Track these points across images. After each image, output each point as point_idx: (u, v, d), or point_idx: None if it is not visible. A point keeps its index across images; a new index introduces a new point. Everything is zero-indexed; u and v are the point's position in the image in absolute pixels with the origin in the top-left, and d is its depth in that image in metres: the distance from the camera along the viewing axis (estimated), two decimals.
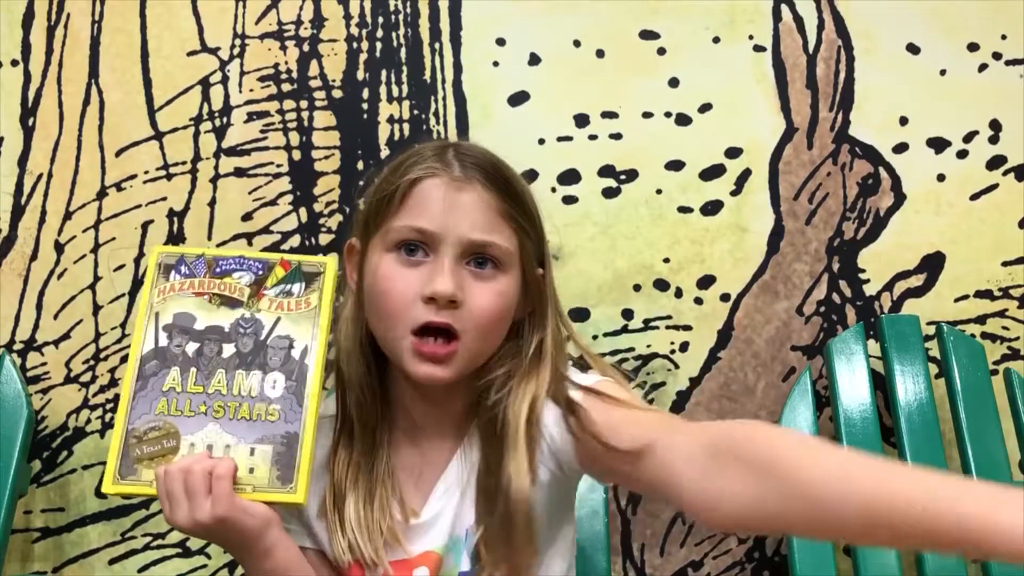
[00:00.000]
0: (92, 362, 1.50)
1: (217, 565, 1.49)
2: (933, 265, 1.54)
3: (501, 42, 1.54)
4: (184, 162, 1.51)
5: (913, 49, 1.56)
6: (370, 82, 1.53)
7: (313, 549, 1.02)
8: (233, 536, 0.89)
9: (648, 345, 1.53)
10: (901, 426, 1.43)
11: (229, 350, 0.92)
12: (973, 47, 1.56)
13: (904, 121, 1.55)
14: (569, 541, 1.05)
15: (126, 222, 1.51)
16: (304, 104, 1.52)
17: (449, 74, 1.53)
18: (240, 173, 1.52)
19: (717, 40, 1.55)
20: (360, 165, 1.52)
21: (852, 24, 1.55)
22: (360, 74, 1.53)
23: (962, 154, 1.55)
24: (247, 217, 1.51)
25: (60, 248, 1.50)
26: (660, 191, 1.53)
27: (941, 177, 1.55)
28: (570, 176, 1.53)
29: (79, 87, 1.52)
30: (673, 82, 1.54)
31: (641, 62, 1.54)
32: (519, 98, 1.53)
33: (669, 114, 1.54)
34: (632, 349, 1.52)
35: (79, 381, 1.50)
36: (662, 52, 1.55)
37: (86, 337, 1.50)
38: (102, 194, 1.51)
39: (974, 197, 1.55)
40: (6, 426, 1.39)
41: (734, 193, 1.54)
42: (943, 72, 1.56)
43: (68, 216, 1.51)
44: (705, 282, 1.53)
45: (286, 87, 1.52)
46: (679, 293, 1.53)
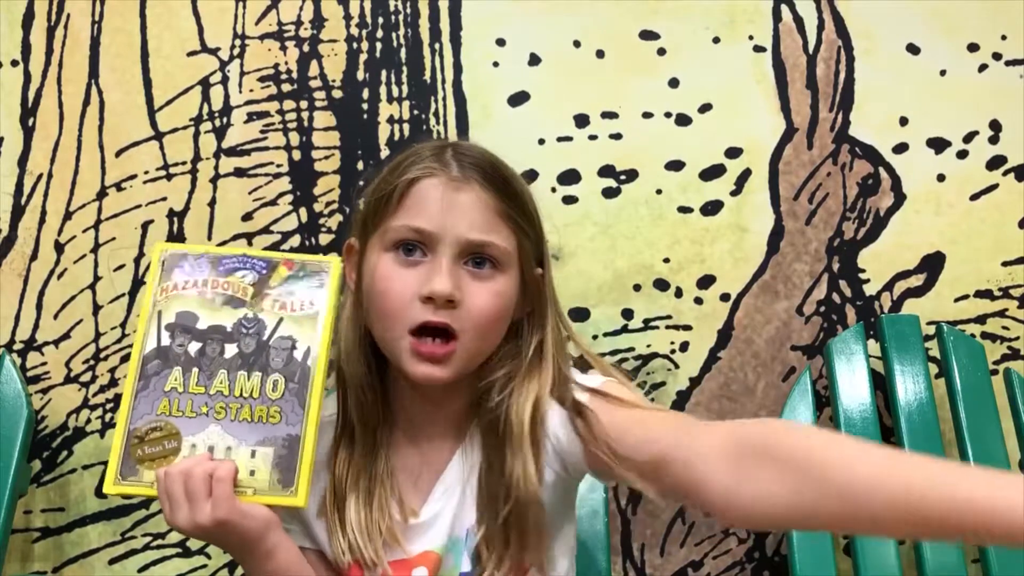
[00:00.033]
0: (92, 362, 1.50)
1: (217, 565, 1.49)
2: (933, 265, 1.54)
3: (501, 42, 1.54)
4: (184, 162, 1.51)
5: (913, 49, 1.56)
6: (370, 82, 1.53)
7: (313, 549, 1.02)
8: (233, 539, 0.89)
9: (648, 345, 1.53)
10: (901, 426, 1.43)
11: (231, 350, 0.91)
12: (973, 47, 1.56)
13: (904, 121, 1.55)
14: (571, 541, 1.05)
15: (126, 222, 1.51)
16: (304, 104, 1.52)
17: (449, 74, 1.53)
18: (240, 173, 1.52)
19: (717, 40, 1.55)
20: (360, 165, 1.52)
21: (852, 24, 1.55)
22: (360, 74, 1.53)
23: (962, 154, 1.55)
24: (247, 217, 1.51)
25: (60, 248, 1.50)
26: (660, 191, 1.53)
27: (941, 177, 1.55)
28: (570, 176, 1.53)
29: (79, 87, 1.52)
30: (673, 82, 1.54)
31: (641, 62, 1.54)
32: (519, 98, 1.53)
33: (669, 114, 1.54)
34: (632, 349, 1.52)
35: (79, 381, 1.50)
36: (662, 52, 1.55)
37: (86, 337, 1.50)
38: (102, 194, 1.51)
39: (974, 197, 1.55)
40: (6, 426, 1.39)
41: (734, 193, 1.54)
42: (943, 72, 1.56)
43: (68, 216, 1.51)
44: (705, 282, 1.53)
45: (286, 87, 1.52)
46: (679, 293, 1.53)
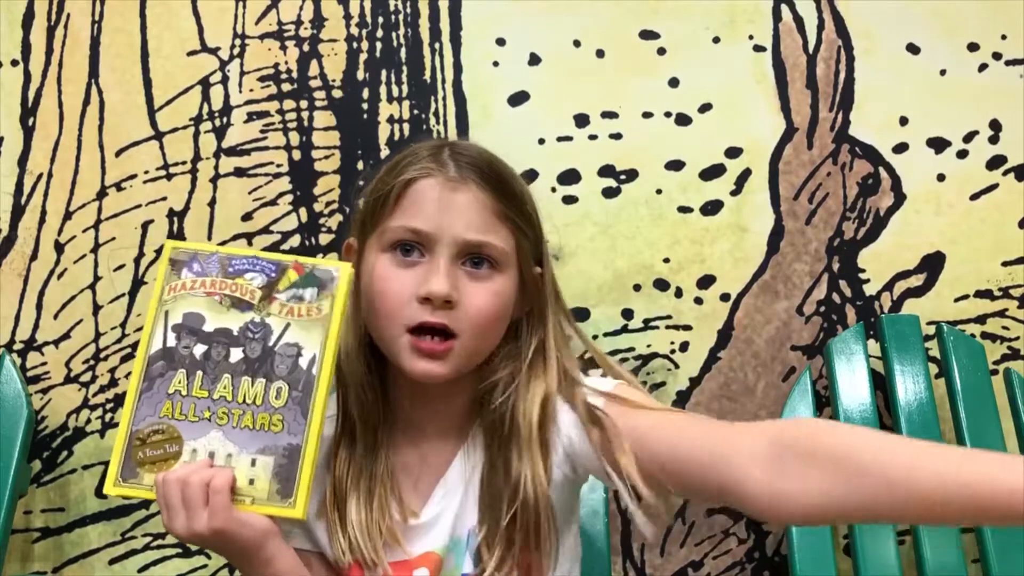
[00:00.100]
0: (92, 362, 1.50)
1: (217, 565, 1.49)
2: (933, 265, 1.54)
3: (501, 42, 1.54)
4: (184, 162, 1.51)
5: (913, 49, 1.56)
6: (370, 82, 1.53)
7: (313, 552, 1.01)
8: (231, 547, 0.88)
9: (648, 345, 1.52)
10: (901, 426, 1.43)
11: (236, 355, 0.90)
12: (973, 47, 1.56)
13: (904, 121, 1.55)
14: (575, 540, 1.05)
15: (126, 222, 1.51)
16: (304, 104, 1.52)
17: (449, 74, 1.53)
18: (240, 173, 1.52)
19: (717, 40, 1.55)
20: (360, 165, 1.52)
21: (852, 24, 1.55)
22: (360, 74, 1.53)
23: (962, 154, 1.55)
24: (247, 217, 1.51)
25: (60, 248, 1.50)
26: (660, 191, 1.53)
27: (941, 177, 1.55)
28: (570, 176, 1.53)
29: (79, 87, 1.52)
30: (673, 82, 1.54)
31: (641, 62, 1.54)
32: (519, 98, 1.53)
33: (669, 114, 1.54)
34: (632, 349, 1.52)
35: (79, 381, 1.50)
36: (662, 52, 1.54)
37: (86, 337, 1.50)
38: (102, 194, 1.51)
39: (974, 197, 1.55)
40: (6, 426, 1.39)
41: (734, 193, 1.54)
42: (943, 72, 1.56)
43: (68, 216, 1.51)
44: (705, 282, 1.53)
45: (286, 87, 1.52)
46: (679, 293, 1.53)
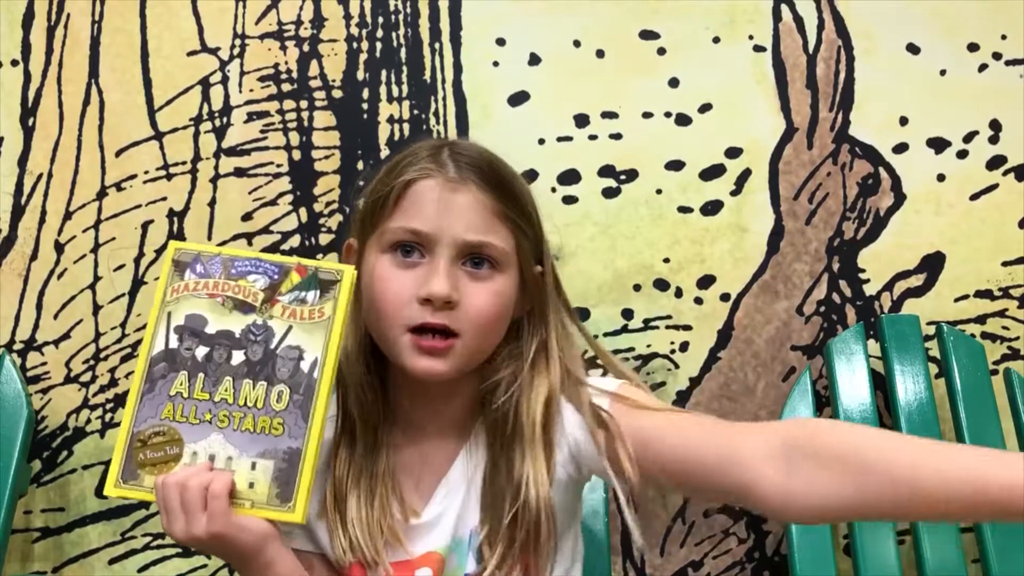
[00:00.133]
0: (92, 362, 1.50)
1: (217, 565, 1.49)
2: (933, 265, 1.54)
3: (501, 42, 1.54)
4: (184, 162, 1.51)
5: (913, 49, 1.56)
6: (370, 82, 1.53)
7: (314, 553, 1.01)
8: (230, 551, 0.88)
9: (648, 345, 1.52)
10: (901, 426, 1.43)
11: (238, 357, 0.89)
12: (973, 47, 1.56)
13: (904, 121, 1.55)
14: (575, 539, 1.05)
15: (126, 222, 1.51)
16: (304, 104, 1.52)
17: (449, 74, 1.53)
18: (240, 173, 1.52)
19: (717, 40, 1.55)
20: (360, 165, 1.52)
21: (852, 24, 1.55)
22: (360, 74, 1.53)
23: (962, 154, 1.55)
24: (247, 217, 1.51)
25: (60, 248, 1.50)
26: (660, 191, 1.53)
27: (941, 177, 1.55)
28: (570, 176, 1.53)
29: (79, 87, 1.52)
30: (673, 82, 1.54)
31: (641, 62, 1.54)
32: (519, 98, 1.53)
33: (669, 114, 1.54)
34: (632, 349, 1.52)
35: (79, 381, 1.50)
36: (662, 52, 1.54)
37: (86, 337, 1.50)
38: (102, 194, 1.51)
39: (974, 197, 1.55)
40: (6, 426, 1.39)
41: (734, 193, 1.54)
42: (943, 72, 1.56)
43: (68, 216, 1.51)
44: (705, 282, 1.53)
45: (286, 87, 1.52)
46: (679, 293, 1.53)
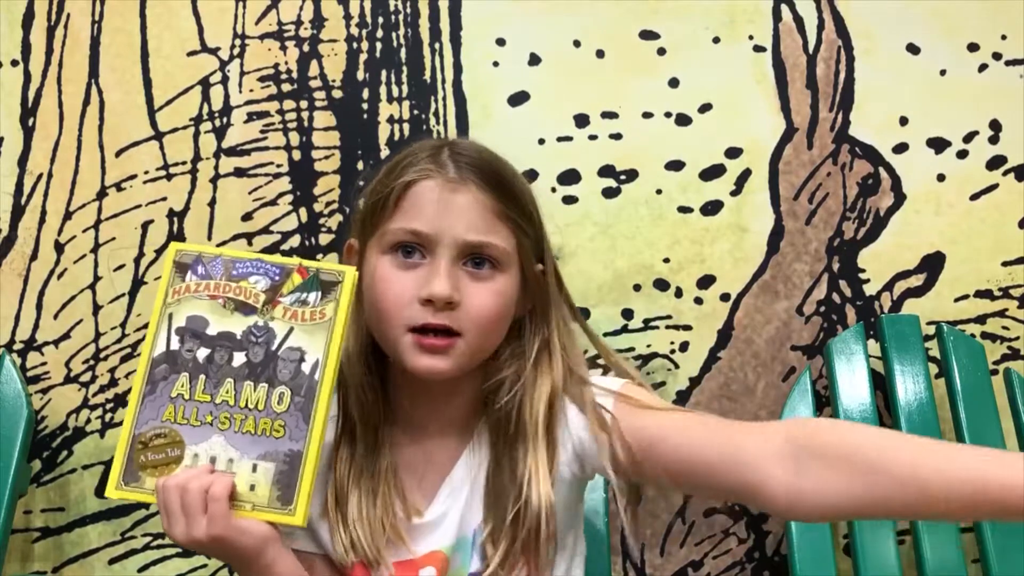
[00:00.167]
0: (92, 362, 1.50)
1: (217, 564, 1.49)
2: (933, 265, 1.54)
3: (501, 42, 1.54)
4: (184, 162, 1.51)
5: (913, 49, 1.56)
6: (370, 82, 1.53)
7: (317, 554, 1.01)
8: (231, 553, 0.88)
9: (648, 345, 1.52)
10: (901, 426, 1.43)
11: (239, 359, 0.89)
12: (973, 47, 1.56)
13: (904, 121, 1.55)
14: (575, 538, 1.05)
15: (126, 222, 1.51)
16: (304, 104, 1.52)
17: (449, 74, 1.53)
18: (240, 173, 1.52)
19: (717, 40, 1.55)
20: (360, 165, 1.52)
21: (852, 24, 1.55)
22: (360, 74, 1.53)
23: (962, 154, 1.55)
24: (247, 217, 1.51)
25: (60, 248, 1.50)
26: (660, 191, 1.53)
27: (941, 177, 1.55)
28: (570, 176, 1.53)
29: (79, 87, 1.52)
30: (673, 82, 1.54)
31: (641, 62, 1.54)
32: (519, 98, 1.53)
33: (669, 114, 1.54)
34: (632, 349, 1.52)
35: (79, 381, 1.50)
36: (662, 52, 1.54)
37: (86, 337, 1.50)
38: (102, 194, 1.51)
39: (974, 197, 1.55)
40: (6, 426, 1.39)
41: (734, 193, 1.54)
42: (943, 72, 1.56)
43: (68, 216, 1.51)
44: (705, 282, 1.53)
45: (286, 87, 1.52)
46: (679, 293, 1.53)
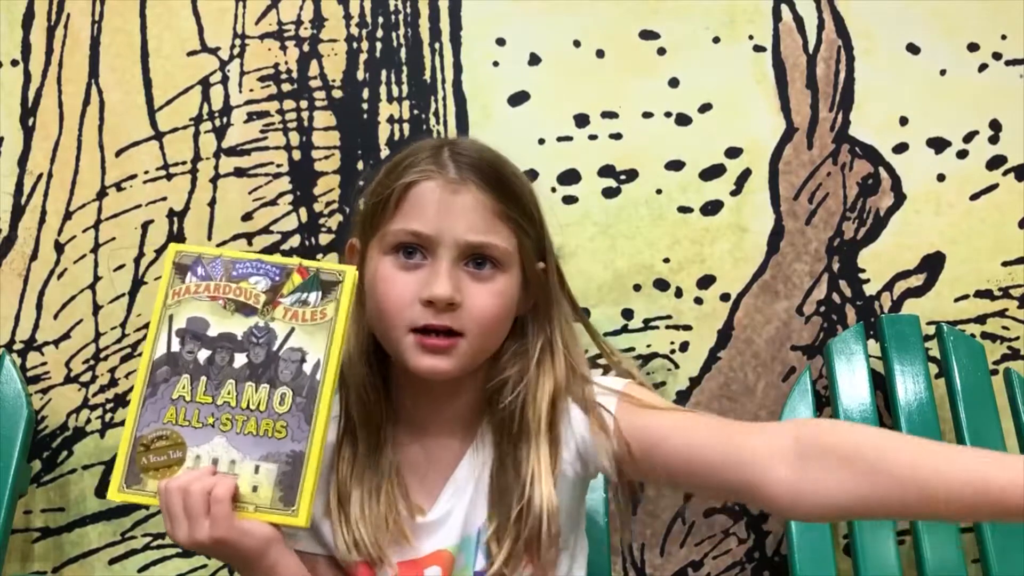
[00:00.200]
0: (92, 362, 1.50)
1: (217, 564, 1.49)
2: (933, 265, 1.54)
3: (501, 42, 1.54)
4: (184, 162, 1.51)
5: (913, 49, 1.56)
6: (370, 82, 1.53)
7: (320, 554, 1.01)
8: (233, 555, 0.88)
9: (648, 345, 1.52)
10: (901, 426, 1.43)
11: (240, 360, 0.89)
12: (973, 47, 1.56)
13: (904, 121, 1.55)
14: (576, 537, 1.05)
15: (126, 222, 1.51)
16: (304, 104, 1.52)
17: (449, 74, 1.53)
18: (240, 173, 1.52)
19: (717, 40, 1.55)
20: (360, 165, 1.52)
21: (852, 24, 1.55)
22: (360, 74, 1.53)
23: (962, 154, 1.55)
24: (247, 217, 1.51)
25: (60, 248, 1.50)
26: (660, 191, 1.53)
27: (941, 177, 1.55)
28: (570, 176, 1.53)
29: (79, 87, 1.52)
30: (673, 82, 1.54)
31: (641, 62, 1.54)
32: (519, 98, 1.53)
33: (669, 114, 1.54)
34: (632, 349, 1.52)
35: (79, 381, 1.50)
36: (662, 52, 1.54)
37: (86, 337, 1.50)
38: (102, 194, 1.51)
39: (974, 197, 1.55)
40: (6, 426, 1.39)
41: (734, 193, 1.54)
42: (943, 72, 1.56)
43: (68, 216, 1.51)
44: (705, 282, 1.53)
45: (286, 87, 1.52)
46: (679, 293, 1.53)
